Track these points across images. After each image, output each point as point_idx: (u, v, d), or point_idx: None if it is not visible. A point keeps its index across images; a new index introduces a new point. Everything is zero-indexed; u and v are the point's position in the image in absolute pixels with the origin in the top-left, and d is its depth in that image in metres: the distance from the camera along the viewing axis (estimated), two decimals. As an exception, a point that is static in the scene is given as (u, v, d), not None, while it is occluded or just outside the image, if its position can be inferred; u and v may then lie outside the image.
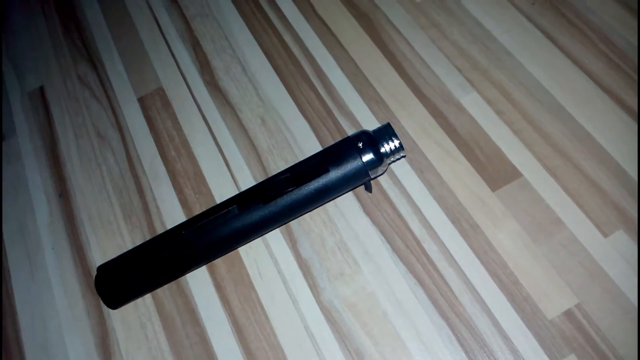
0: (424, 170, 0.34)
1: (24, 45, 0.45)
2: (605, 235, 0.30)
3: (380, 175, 0.33)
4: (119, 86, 0.41)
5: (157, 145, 0.38)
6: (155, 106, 0.39)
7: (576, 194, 0.32)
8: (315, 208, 0.33)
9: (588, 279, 0.29)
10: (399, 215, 0.33)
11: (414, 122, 0.35)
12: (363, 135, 0.31)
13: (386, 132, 0.31)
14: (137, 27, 0.44)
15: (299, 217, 0.33)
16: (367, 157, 0.30)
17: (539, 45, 0.37)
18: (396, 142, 0.31)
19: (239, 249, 0.33)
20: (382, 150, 0.31)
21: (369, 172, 0.30)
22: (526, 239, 0.31)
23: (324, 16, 0.41)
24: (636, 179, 0.31)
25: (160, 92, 0.40)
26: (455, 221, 0.32)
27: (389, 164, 0.32)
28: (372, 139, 0.31)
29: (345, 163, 0.30)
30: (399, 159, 0.32)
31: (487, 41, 0.38)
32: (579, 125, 0.34)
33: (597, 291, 0.29)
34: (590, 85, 0.35)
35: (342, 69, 0.38)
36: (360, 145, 0.30)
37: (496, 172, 0.33)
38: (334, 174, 0.30)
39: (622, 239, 0.30)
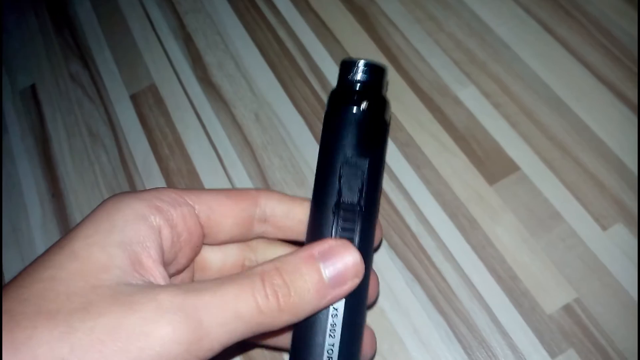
0: (421, 166, 0.33)
1: (14, 43, 0.44)
2: (604, 228, 0.30)
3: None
4: (111, 83, 0.40)
5: (150, 143, 0.37)
6: (148, 103, 0.39)
7: (575, 187, 0.31)
8: None
9: (587, 272, 0.29)
10: (396, 211, 0.32)
11: (410, 116, 0.35)
12: (335, 96, 0.23)
13: (349, 69, 0.23)
14: (129, 23, 0.43)
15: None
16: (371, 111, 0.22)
17: (536, 37, 0.36)
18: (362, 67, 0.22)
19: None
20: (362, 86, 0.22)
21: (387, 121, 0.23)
22: (524, 233, 0.30)
23: (319, 10, 0.40)
24: (635, 171, 0.31)
25: (153, 89, 0.40)
26: (452, 216, 0.32)
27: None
28: (349, 91, 0.22)
29: (367, 139, 0.22)
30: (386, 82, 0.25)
31: (484, 33, 0.37)
32: (577, 117, 0.33)
33: (596, 285, 0.29)
34: (589, 77, 0.34)
35: (337, 63, 0.38)
36: (359, 108, 0.22)
37: (494, 166, 0.33)
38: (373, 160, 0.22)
39: (621, 232, 0.30)
